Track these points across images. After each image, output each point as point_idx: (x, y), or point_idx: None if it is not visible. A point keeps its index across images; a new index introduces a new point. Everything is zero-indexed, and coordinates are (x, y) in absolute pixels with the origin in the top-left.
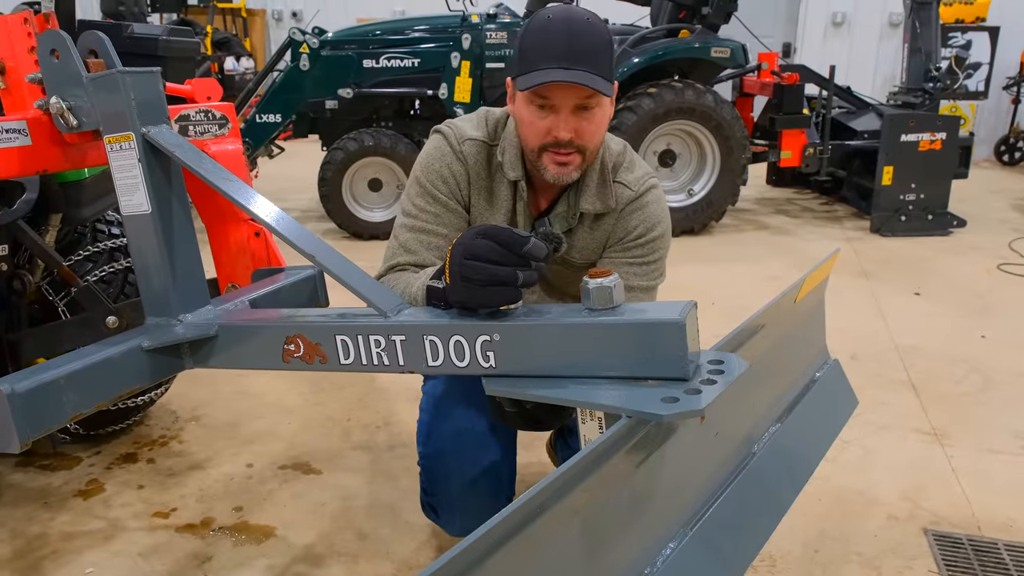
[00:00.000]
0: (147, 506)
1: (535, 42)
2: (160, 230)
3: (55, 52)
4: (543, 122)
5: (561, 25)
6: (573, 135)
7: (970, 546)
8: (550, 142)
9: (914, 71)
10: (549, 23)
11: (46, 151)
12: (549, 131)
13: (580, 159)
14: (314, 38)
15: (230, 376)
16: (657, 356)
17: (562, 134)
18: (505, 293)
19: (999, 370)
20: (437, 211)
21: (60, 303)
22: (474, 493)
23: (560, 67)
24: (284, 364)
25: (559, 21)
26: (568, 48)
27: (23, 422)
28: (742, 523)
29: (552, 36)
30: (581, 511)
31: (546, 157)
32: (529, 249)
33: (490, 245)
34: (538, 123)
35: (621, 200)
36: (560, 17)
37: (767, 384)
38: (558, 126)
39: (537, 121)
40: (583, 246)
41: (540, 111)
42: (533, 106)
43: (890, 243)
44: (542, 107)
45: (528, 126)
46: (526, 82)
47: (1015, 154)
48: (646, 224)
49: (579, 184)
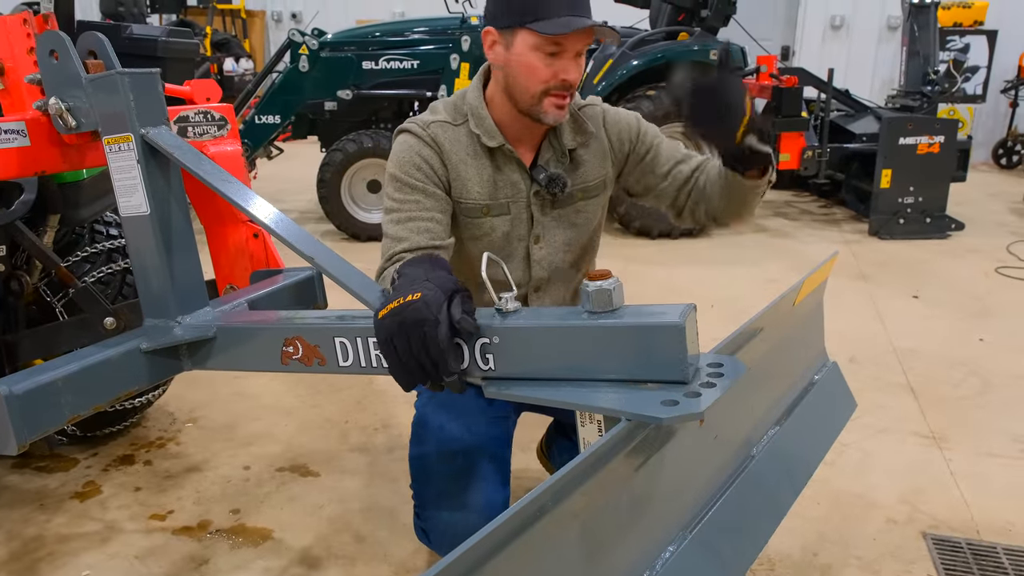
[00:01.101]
0: (144, 508)
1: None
2: (159, 231)
3: (54, 53)
4: (552, 66)
5: None
6: (577, 76)
7: (969, 550)
8: (557, 85)
9: (912, 74)
10: None
11: (45, 152)
12: (556, 74)
13: (570, 100)
14: (313, 39)
15: (227, 378)
16: (656, 359)
17: (572, 76)
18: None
19: (997, 373)
20: (417, 198)
21: (58, 304)
22: (466, 521)
23: (572, 14)
24: (283, 366)
25: None
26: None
27: (21, 424)
28: (741, 526)
29: None
30: (580, 514)
31: (547, 101)
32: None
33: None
34: (547, 68)
35: (596, 120)
36: None
37: (766, 387)
38: (568, 69)
39: (546, 67)
40: (587, 171)
41: (550, 57)
42: (542, 52)
43: (888, 246)
44: (552, 53)
45: (533, 71)
46: (546, 28)
47: (1013, 157)
48: (629, 120)
49: (554, 129)
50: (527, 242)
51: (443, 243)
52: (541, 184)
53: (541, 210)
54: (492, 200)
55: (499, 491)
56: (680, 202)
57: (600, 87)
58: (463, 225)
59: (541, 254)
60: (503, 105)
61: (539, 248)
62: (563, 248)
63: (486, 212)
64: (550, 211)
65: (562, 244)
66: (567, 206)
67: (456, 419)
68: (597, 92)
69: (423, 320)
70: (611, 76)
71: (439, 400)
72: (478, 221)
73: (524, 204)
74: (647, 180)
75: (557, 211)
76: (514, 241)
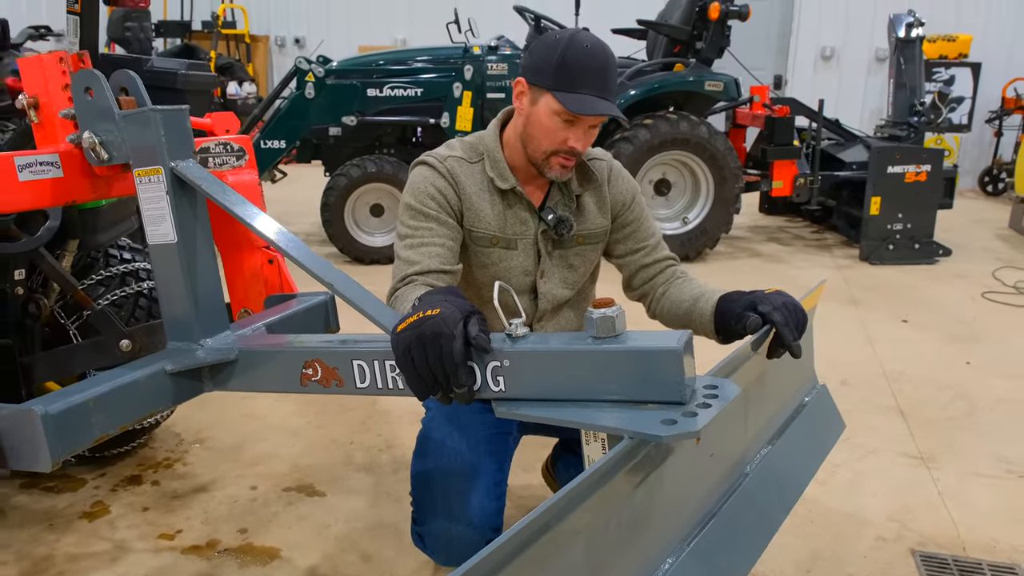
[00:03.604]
0: (152, 528)
1: (579, 65)
2: (184, 259)
3: (89, 90)
4: (562, 133)
5: (600, 56)
6: (583, 147)
7: (955, 566)
8: (564, 149)
9: (899, 105)
10: (586, 51)
11: (76, 183)
12: (567, 141)
13: (575, 162)
14: (320, 67)
15: (235, 399)
16: (656, 381)
17: (578, 145)
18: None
19: (983, 396)
20: (431, 225)
21: (72, 327)
22: (459, 525)
23: (597, 96)
24: (302, 387)
25: (598, 51)
26: (604, 80)
27: (55, 442)
28: (736, 540)
29: (593, 65)
30: (585, 527)
31: (554, 159)
32: (459, 394)
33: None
34: (558, 133)
35: (601, 174)
36: (598, 47)
37: (758, 408)
38: (578, 139)
39: (558, 131)
40: (588, 218)
41: (564, 124)
42: (559, 119)
43: (878, 271)
44: (568, 121)
45: (546, 132)
46: (568, 102)
47: (998, 185)
48: (630, 190)
49: None
50: (533, 277)
51: (452, 268)
52: (549, 225)
53: (546, 248)
54: (501, 233)
55: (494, 503)
56: (632, 281)
57: None
58: (473, 253)
59: (545, 288)
60: (517, 149)
61: (544, 283)
62: (562, 285)
63: (495, 242)
64: (553, 250)
65: (560, 281)
66: (569, 248)
67: (459, 433)
68: None
69: (440, 333)
70: None
71: (445, 415)
72: (487, 250)
73: (531, 241)
74: (616, 247)
75: (559, 251)
76: (520, 275)
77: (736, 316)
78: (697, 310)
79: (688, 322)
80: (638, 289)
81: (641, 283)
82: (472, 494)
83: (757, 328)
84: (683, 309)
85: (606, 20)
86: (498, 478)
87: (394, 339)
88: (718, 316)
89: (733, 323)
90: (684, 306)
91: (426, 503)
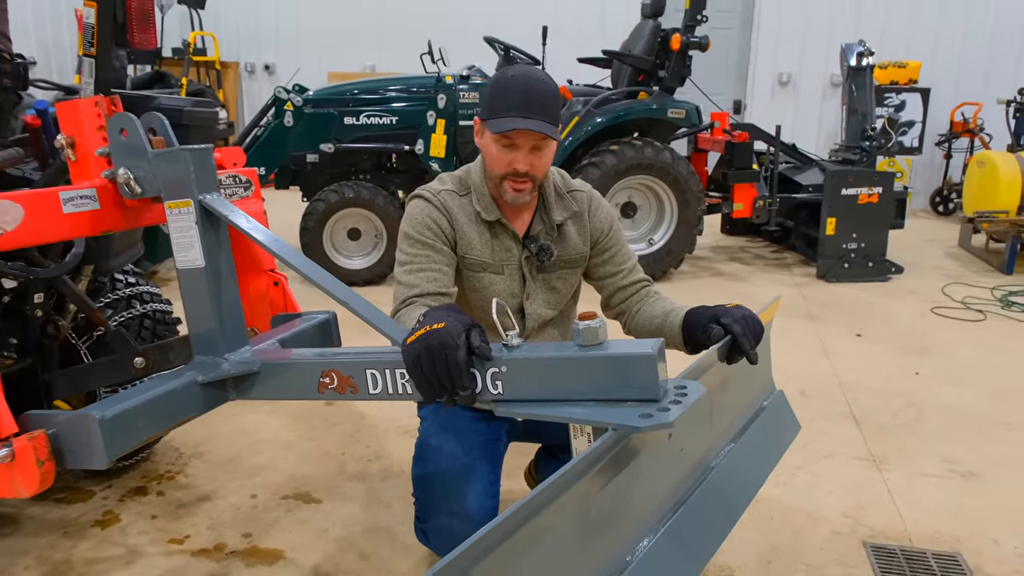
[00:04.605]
0: (162, 534)
1: (498, 93)
2: (211, 281)
3: (123, 131)
4: (506, 156)
5: (520, 81)
6: (529, 168)
7: (902, 555)
8: (511, 172)
9: (852, 130)
10: (511, 79)
11: (111, 214)
12: (510, 163)
13: (531, 185)
14: (298, 96)
15: (226, 416)
16: (634, 382)
17: (520, 167)
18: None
19: (931, 403)
20: (428, 253)
21: (83, 346)
22: (460, 521)
23: (520, 116)
24: (319, 394)
25: (519, 77)
26: (527, 102)
27: (110, 442)
28: (703, 525)
29: (515, 89)
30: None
31: (506, 183)
32: (463, 397)
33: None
34: (502, 157)
35: (582, 204)
36: (520, 74)
37: (722, 411)
38: (518, 160)
39: (501, 156)
40: (569, 245)
41: (504, 149)
42: (499, 144)
43: (834, 288)
44: (506, 146)
45: (494, 159)
46: (495, 126)
47: (948, 205)
48: (608, 219)
49: (544, 206)
50: (520, 298)
51: (447, 291)
52: (532, 252)
53: (531, 273)
54: (490, 259)
55: (490, 501)
56: (610, 301)
57: (567, 142)
58: (466, 278)
59: (531, 308)
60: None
61: (529, 304)
62: (546, 305)
63: (485, 268)
64: (537, 274)
65: (544, 303)
66: (552, 272)
67: (455, 440)
68: (564, 147)
69: (446, 344)
70: (577, 132)
71: (440, 423)
72: (479, 275)
73: (517, 267)
74: (596, 270)
75: (543, 275)
76: (508, 297)
77: (701, 328)
78: (667, 324)
79: (659, 336)
80: (615, 308)
81: (618, 303)
82: (470, 493)
83: (720, 338)
84: (655, 325)
85: (573, 50)
86: (492, 479)
87: (404, 350)
88: (685, 329)
89: (699, 334)
90: (656, 322)
91: (428, 502)
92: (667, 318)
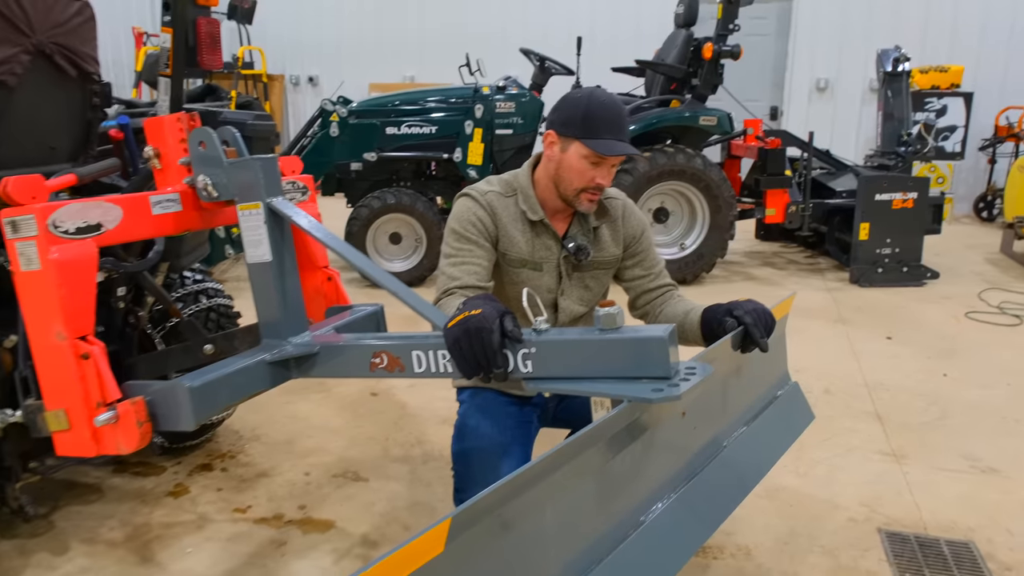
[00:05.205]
0: (227, 504)
1: (600, 116)
2: (276, 274)
3: (202, 143)
4: (591, 172)
5: (615, 108)
6: (607, 182)
7: (916, 541)
8: (592, 186)
9: (887, 136)
10: (607, 104)
11: (190, 215)
12: (594, 179)
13: (600, 196)
14: (343, 108)
15: (280, 403)
16: (648, 362)
17: (604, 182)
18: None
19: (956, 403)
20: (471, 248)
21: (157, 335)
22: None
23: (617, 139)
24: (370, 373)
25: (613, 104)
26: (621, 126)
27: (197, 407)
28: (713, 496)
29: (610, 115)
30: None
31: (584, 195)
32: (496, 374)
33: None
34: (588, 172)
35: (616, 210)
36: (613, 101)
37: (736, 397)
38: (604, 177)
39: (587, 171)
40: (603, 247)
41: (592, 165)
42: (588, 161)
43: (867, 293)
44: (594, 163)
45: (577, 173)
46: (598, 147)
47: (992, 210)
48: (640, 225)
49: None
50: (555, 294)
51: (485, 284)
52: (570, 251)
53: (567, 271)
54: (530, 257)
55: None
56: (636, 302)
57: None
58: (505, 272)
59: (564, 304)
60: (548, 188)
61: (563, 299)
62: (579, 302)
63: (524, 264)
64: (573, 273)
65: (577, 299)
66: (586, 271)
67: (490, 421)
68: None
69: (482, 328)
70: None
71: (478, 406)
72: (518, 270)
73: (554, 264)
74: (625, 272)
75: (578, 274)
76: (544, 292)
77: (717, 322)
78: (687, 322)
79: (681, 333)
80: (641, 309)
81: (644, 304)
82: (504, 468)
83: (733, 329)
84: (676, 323)
85: (607, 60)
86: (523, 456)
87: (446, 332)
88: (703, 324)
89: (715, 327)
90: (677, 320)
91: (466, 475)
92: (687, 316)
